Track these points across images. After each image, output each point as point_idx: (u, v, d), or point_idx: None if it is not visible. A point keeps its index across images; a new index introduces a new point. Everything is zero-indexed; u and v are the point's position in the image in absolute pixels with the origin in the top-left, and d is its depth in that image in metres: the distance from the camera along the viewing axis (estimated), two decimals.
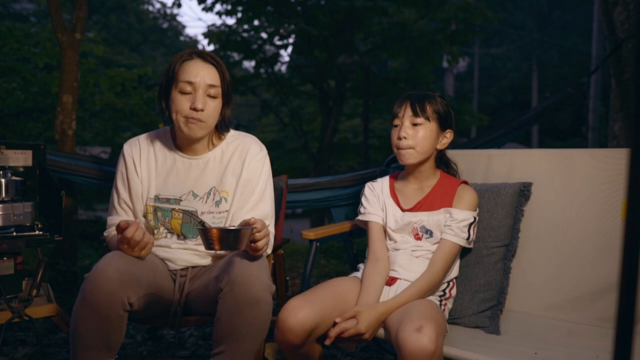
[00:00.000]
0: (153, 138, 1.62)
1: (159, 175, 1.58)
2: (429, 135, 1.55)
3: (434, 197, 1.59)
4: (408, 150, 1.55)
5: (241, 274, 1.30)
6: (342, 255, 4.17)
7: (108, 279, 1.29)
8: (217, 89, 1.49)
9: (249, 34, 8.27)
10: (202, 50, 1.53)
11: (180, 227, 1.55)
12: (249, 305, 1.30)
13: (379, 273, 1.53)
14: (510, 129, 3.39)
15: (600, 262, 1.60)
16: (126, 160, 1.59)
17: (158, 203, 1.57)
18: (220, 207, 1.57)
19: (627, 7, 3.32)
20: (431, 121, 1.55)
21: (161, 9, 19.50)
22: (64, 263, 2.98)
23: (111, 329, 1.32)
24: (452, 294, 1.57)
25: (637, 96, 0.53)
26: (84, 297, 1.30)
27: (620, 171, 1.61)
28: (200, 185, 1.56)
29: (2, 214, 1.56)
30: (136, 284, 1.35)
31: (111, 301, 1.29)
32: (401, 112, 1.57)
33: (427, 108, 1.54)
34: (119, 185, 1.59)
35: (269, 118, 13.24)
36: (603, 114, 11.10)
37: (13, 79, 5.51)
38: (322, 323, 1.40)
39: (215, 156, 1.58)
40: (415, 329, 1.22)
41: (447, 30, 7.61)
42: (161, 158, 1.59)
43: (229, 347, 1.33)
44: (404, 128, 1.55)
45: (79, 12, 2.98)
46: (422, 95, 1.58)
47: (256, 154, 1.59)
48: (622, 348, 0.55)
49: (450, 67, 14.74)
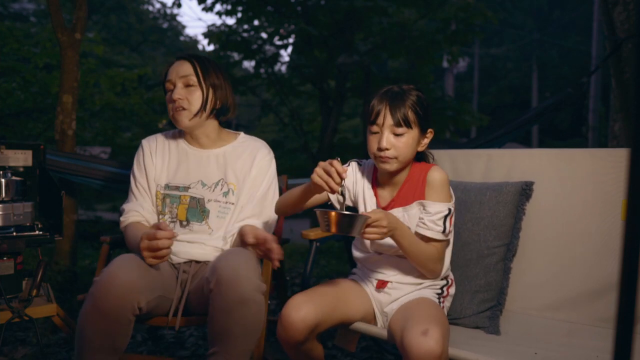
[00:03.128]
0: (169, 135, 1.76)
1: (171, 165, 1.70)
2: (411, 143, 1.45)
3: (407, 191, 1.50)
4: (390, 160, 1.44)
5: (229, 274, 1.31)
6: (342, 255, 4.17)
7: (119, 285, 1.30)
8: (190, 78, 1.62)
9: (249, 34, 8.26)
10: (186, 52, 1.70)
11: (187, 212, 1.63)
12: (238, 305, 1.30)
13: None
14: (510, 129, 3.39)
15: (600, 262, 1.60)
16: (144, 150, 1.72)
17: (167, 190, 1.66)
18: (227, 198, 1.65)
19: (627, 7, 3.32)
20: (413, 128, 1.44)
21: (161, 9, 19.51)
22: (64, 263, 2.98)
23: (119, 332, 1.33)
24: (450, 292, 1.55)
25: (637, 96, 0.53)
26: (94, 301, 1.31)
27: (620, 171, 1.61)
28: (209, 175, 1.67)
29: (2, 214, 1.56)
30: (146, 289, 1.37)
31: (121, 306, 1.31)
32: (380, 119, 1.43)
33: (408, 115, 1.42)
34: (136, 172, 1.71)
35: (269, 118, 13.25)
36: (603, 114, 11.10)
37: (13, 79, 5.51)
38: (324, 321, 1.40)
39: (226, 151, 1.70)
40: (421, 332, 1.22)
41: (447, 30, 7.60)
42: (174, 151, 1.71)
43: (222, 347, 1.34)
44: (385, 138, 1.42)
45: (79, 12, 2.98)
46: (400, 98, 1.43)
47: (265, 155, 1.71)
48: (622, 348, 0.55)
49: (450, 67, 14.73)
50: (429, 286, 1.51)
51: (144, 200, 1.68)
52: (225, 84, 1.67)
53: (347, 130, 11.57)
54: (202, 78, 1.62)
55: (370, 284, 1.56)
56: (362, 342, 2.28)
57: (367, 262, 1.58)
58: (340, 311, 1.44)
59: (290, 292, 2.92)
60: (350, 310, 1.48)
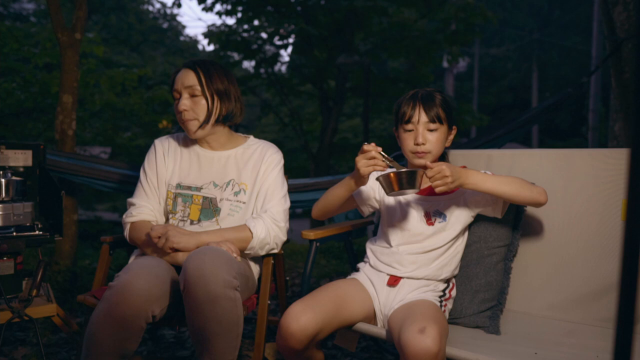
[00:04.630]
0: (181, 137, 1.79)
1: (183, 166, 1.72)
2: (442, 138, 1.57)
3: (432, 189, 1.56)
4: (426, 155, 1.55)
5: (195, 274, 1.30)
6: (342, 255, 4.17)
7: (136, 294, 1.31)
8: (195, 88, 1.63)
9: (249, 34, 8.26)
10: (192, 60, 1.70)
11: (200, 212, 1.65)
12: (208, 304, 1.30)
13: None
14: (510, 129, 3.39)
15: (600, 262, 1.60)
16: (156, 150, 1.74)
17: (179, 190, 1.68)
18: (238, 197, 1.67)
19: (627, 7, 3.32)
20: (444, 124, 1.56)
21: (161, 9, 19.52)
22: (64, 263, 2.98)
23: (130, 339, 1.34)
24: (451, 294, 1.57)
25: (637, 96, 0.53)
26: (109, 307, 1.31)
27: (620, 171, 1.61)
28: (221, 176, 1.69)
29: (2, 214, 1.57)
30: (162, 297, 1.38)
31: (136, 315, 1.31)
32: (415, 117, 1.55)
33: (440, 112, 1.54)
34: (147, 169, 1.72)
35: (269, 118, 13.25)
36: (603, 114, 11.10)
37: (13, 79, 5.51)
38: (324, 328, 1.40)
39: (237, 153, 1.73)
40: (418, 330, 1.22)
41: (447, 30, 7.61)
42: (186, 152, 1.74)
43: (203, 346, 1.36)
44: (421, 134, 1.54)
45: (79, 12, 2.98)
46: (431, 98, 1.56)
47: (274, 153, 1.75)
48: (622, 348, 0.55)
49: (450, 67, 14.74)
50: (432, 289, 1.53)
51: (153, 197, 1.69)
52: (231, 87, 1.68)
53: (347, 130, 11.58)
54: (206, 87, 1.63)
55: (380, 279, 1.56)
56: (362, 342, 2.28)
57: (385, 256, 1.59)
58: (341, 316, 1.44)
59: (290, 292, 2.92)
60: (351, 314, 1.48)
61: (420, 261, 1.53)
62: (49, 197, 1.76)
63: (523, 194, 1.45)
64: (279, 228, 1.64)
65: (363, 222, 1.99)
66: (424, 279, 1.53)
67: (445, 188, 1.40)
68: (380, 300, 1.54)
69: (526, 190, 1.45)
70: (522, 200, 1.47)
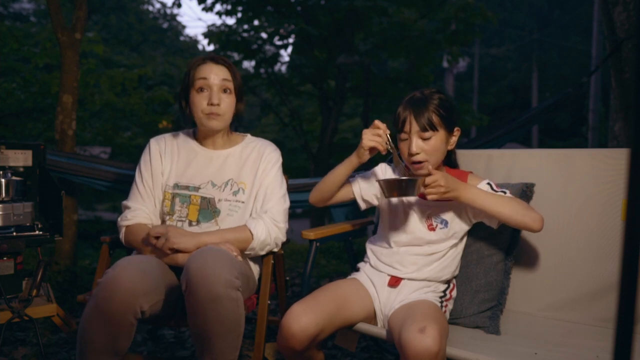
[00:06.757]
0: (177, 135, 1.77)
1: (180, 166, 1.69)
2: (440, 144, 1.50)
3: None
4: (422, 164, 1.50)
5: (197, 274, 1.30)
6: (342, 255, 4.17)
7: (123, 289, 1.30)
8: (230, 84, 1.63)
9: (249, 34, 8.26)
10: (214, 54, 1.67)
11: (198, 213, 1.63)
12: (210, 304, 1.30)
13: None
14: (510, 129, 3.39)
15: (600, 262, 1.60)
16: (151, 150, 1.71)
17: (177, 190, 1.66)
18: (237, 197, 1.66)
19: (627, 7, 3.32)
20: (439, 130, 1.49)
21: (161, 9, 19.51)
22: (64, 263, 2.98)
23: (121, 335, 1.34)
24: (452, 295, 1.57)
25: (637, 96, 0.53)
26: (97, 303, 1.31)
27: (620, 171, 1.61)
28: (219, 176, 1.68)
29: (2, 214, 1.57)
30: (149, 292, 1.37)
31: (124, 310, 1.31)
32: (407, 126, 1.49)
33: (433, 119, 1.47)
34: (143, 171, 1.69)
35: (269, 118, 13.25)
36: (603, 114, 11.10)
37: (13, 79, 5.52)
38: (324, 329, 1.40)
39: (234, 152, 1.72)
40: (418, 330, 1.22)
41: (447, 30, 7.61)
42: (183, 151, 1.72)
43: (204, 346, 1.35)
44: (414, 143, 1.48)
45: (79, 12, 2.98)
46: (423, 104, 1.48)
47: (272, 151, 1.74)
48: (622, 348, 0.55)
49: (450, 67, 14.74)
50: (432, 290, 1.53)
51: (149, 200, 1.67)
52: (242, 86, 1.70)
53: (347, 130, 11.57)
54: (235, 85, 1.64)
55: (381, 280, 1.56)
56: (362, 342, 2.28)
57: (386, 257, 1.59)
58: (341, 317, 1.44)
59: (290, 292, 2.92)
60: (352, 314, 1.48)
61: (421, 262, 1.53)
62: (49, 197, 1.75)
63: (514, 218, 1.45)
64: (279, 229, 1.64)
65: (363, 222, 1.99)
66: (425, 280, 1.53)
67: (438, 197, 1.41)
68: (380, 300, 1.54)
69: (519, 215, 1.44)
70: (513, 224, 1.47)
